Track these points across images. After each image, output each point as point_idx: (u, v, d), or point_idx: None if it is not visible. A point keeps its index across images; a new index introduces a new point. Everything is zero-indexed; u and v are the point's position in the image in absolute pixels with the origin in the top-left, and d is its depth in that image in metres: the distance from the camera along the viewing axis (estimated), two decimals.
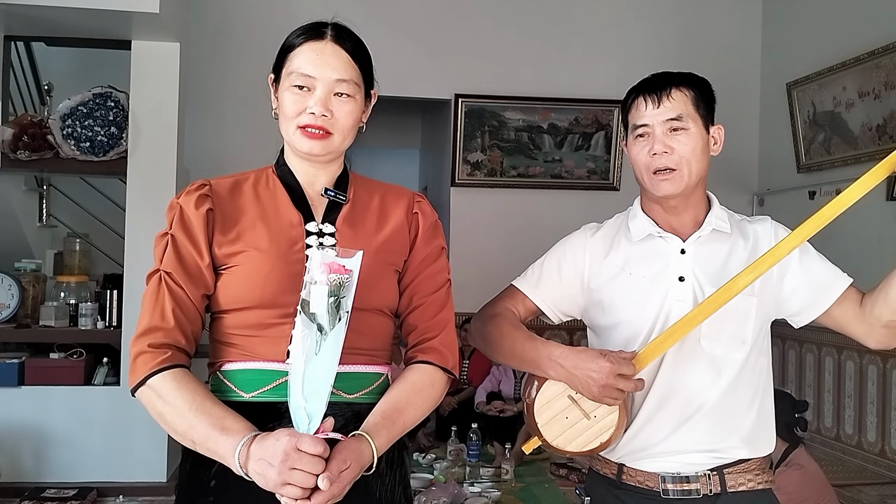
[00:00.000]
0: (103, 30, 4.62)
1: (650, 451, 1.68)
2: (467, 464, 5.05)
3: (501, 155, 6.64)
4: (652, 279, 1.70)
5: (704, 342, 1.65)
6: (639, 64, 6.67)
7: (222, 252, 1.43)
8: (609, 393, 1.57)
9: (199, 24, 5.74)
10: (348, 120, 1.47)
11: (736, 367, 1.66)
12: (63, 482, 4.53)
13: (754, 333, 1.67)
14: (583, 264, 1.80)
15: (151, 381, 1.34)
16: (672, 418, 1.66)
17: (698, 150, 1.67)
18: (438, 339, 1.51)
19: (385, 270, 1.50)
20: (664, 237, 1.73)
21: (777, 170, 6.50)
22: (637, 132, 1.71)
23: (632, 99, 1.74)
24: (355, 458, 1.29)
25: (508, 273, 2.91)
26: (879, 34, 5.32)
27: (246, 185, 1.52)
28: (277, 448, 1.22)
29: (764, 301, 1.68)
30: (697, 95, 1.69)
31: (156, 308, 1.39)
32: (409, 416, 1.43)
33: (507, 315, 1.83)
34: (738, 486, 1.66)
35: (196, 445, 1.33)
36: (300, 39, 1.47)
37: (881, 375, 5.36)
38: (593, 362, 1.57)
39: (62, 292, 4.85)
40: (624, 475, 1.71)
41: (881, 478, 5.16)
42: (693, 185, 1.69)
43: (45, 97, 5.68)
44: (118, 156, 4.74)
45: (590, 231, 1.86)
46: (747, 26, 6.88)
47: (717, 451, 1.66)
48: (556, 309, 1.85)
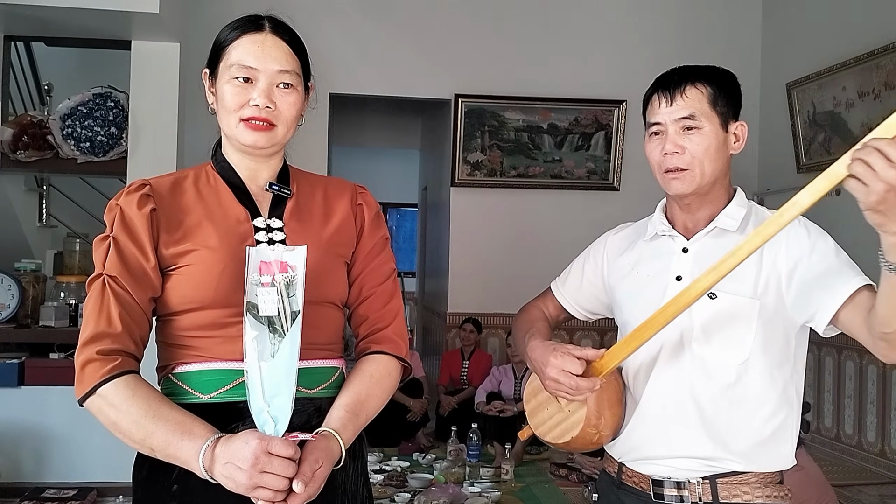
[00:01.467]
0: (103, 30, 4.62)
1: (643, 452, 1.66)
2: (467, 464, 5.05)
3: (501, 155, 6.64)
4: (653, 278, 1.69)
5: (695, 345, 1.60)
6: (639, 64, 6.71)
7: (169, 252, 1.39)
8: (557, 387, 1.59)
9: (199, 24, 5.73)
10: (291, 111, 1.45)
11: (731, 372, 1.59)
12: (63, 482, 4.52)
13: (759, 339, 1.58)
14: (602, 262, 1.83)
15: (102, 389, 1.30)
16: (662, 421, 1.63)
17: (712, 149, 1.62)
18: (391, 328, 1.51)
19: (335, 263, 1.49)
20: (671, 236, 1.70)
21: (777, 170, 6.50)
22: (651, 130, 1.67)
23: (649, 95, 1.69)
24: (326, 457, 1.29)
25: (508, 273, 2.92)
26: (879, 34, 5.32)
27: (186, 182, 1.49)
28: (247, 451, 1.21)
29: (771, 304, 1.59)
30: (715, 92, 1.64)
31: (101, 314, 1.35)
32: (371, 407, 1.44)
33: (531, 311, 1.90)
34: (733, 497, 1.58)
35: (155, 452, 1.30)
36: (237, 32, 1.46)
37: (881, 375, 5.36)
38: (544, 356, 1.62)
39: (62, 292, 4.85)
40: (623, 475, 1.70)
41: (881, 478, 5.17)
42: (708, 183, 1.63)
43: (45, 97, 5.69)
44: (118, 156, 4.74)
45: (616, 230, 1.87)
46: (747, 26, 6.88)
47: (709, 459, 1.60)
48: (579, 307, 1.89)
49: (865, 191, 1.20)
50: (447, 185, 6.76)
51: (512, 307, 1.96)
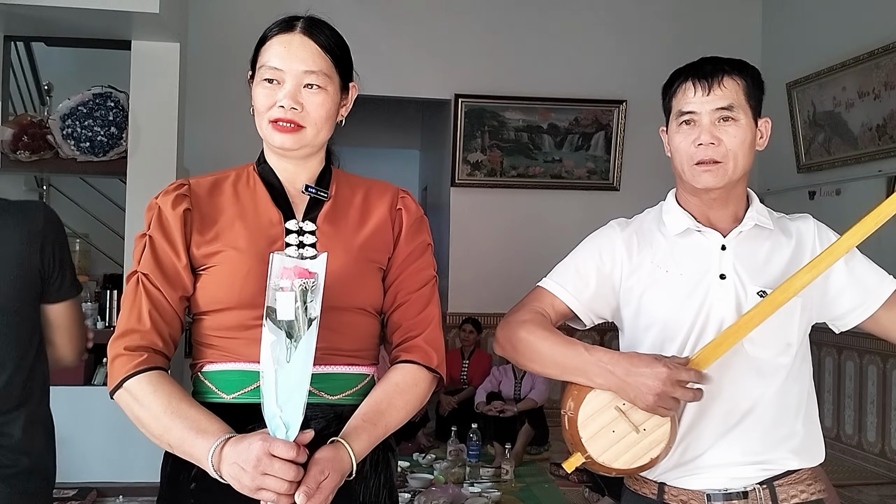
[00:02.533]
0: (103, 30, 4.63)
1: (693, 465, 1.55)
2: (467, 464, 5.05)
3: (501, 155, 6.64)
4: (691, 277, 1.58)
5: (748, 346, 1.54)
6: (639, 64, 6.71)
7: (200, 252, 1.40)
8: (665, 402, 1.42)
9: (199, 24, 5.74)
10: (320, 112, 1.43)
11: (783, 372, 1.56)
12: (63, 482, 4.49)
13: (799, 337, 1.58)
14: (615, 261, 1.65)
15: (128, 383, 1.32)
16: (716, 428, 1.54)
17: (746, 143, 1.56)
18: (422, 336, 1.47)
19: (367, 269, 1.46)
20: (703, 232, 1.61)
21: (777, 170, 6.50)
22: (682, 119, 1.58)
23: (678, 83, 1.60)
24: (333, 467, 1.26)
25: (509, 273, 2.91)
26: (879, 34, 5.32)
27: (226, 183, 1.48)
28: (250, 453, 1.21)
29: (808, 303, 1.57)
30: (750, 85, 1.58)
31: (133, 310, 1.37)
32: (392, 417, 1.39)
33: (538, 319, 1.63)
34: (791, 498, 1.55)
35: (173, 448, 1.32)
36: (272, 33, 1.46)
37: (881, 375, 5.36)
38: (648, 368, 1.43)
39: None
40: (665, 495, 1.58)
41: (881, 478, 5.17)
42: (736, 179, 1.58)
43: (45, 97, 5.68)
44: (118, 156, 4.74)
45: (619, 226, 1.70)
46: (747, 26, 6.89)
47: (766, 462, 1.55)
48: (589, 311, 1.68)
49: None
50: (447, 186, 6.76)
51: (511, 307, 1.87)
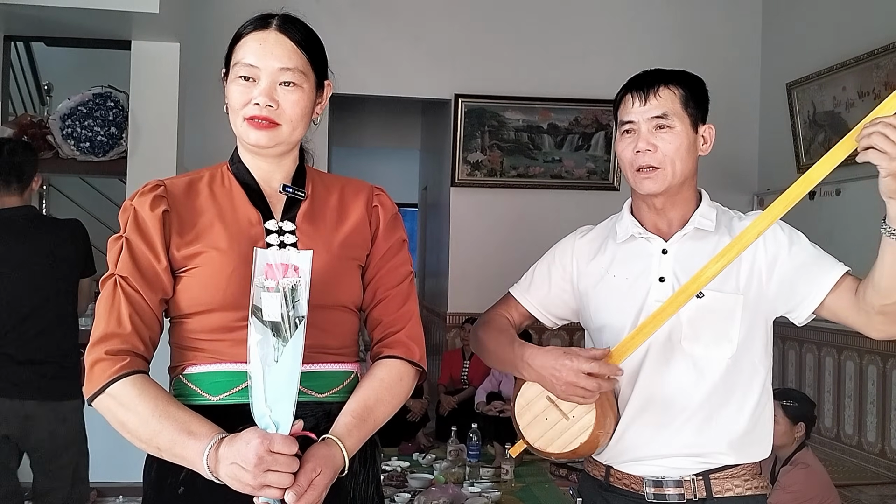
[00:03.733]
0: (103, 30, 4.62)
1: (634, 453, 1.66)
2: (467, 464, 5.04)
3: (501, 155, 6.64)
4: (633, 281, 1.69)
5: (685, 343, 1.63)
6: (639, 64, 6.65)
7: (181, 254, 1.39)
8: (573, 391, 1.55)
9: (199, 24, 5.74)
10: (295, 110, 1.42)
11: (720, 368, 1.63)
12: None
13: (742, 333, 1.63)
14: (571, 267, 1.81)
15: (111, 388, 1.30)
16: (654, 421, 1.64)
17: (683, 148, 1.65)
18: (404, 331, 1.48)
19: (348, 266, 1.47)
20: (647, 237, 1.71)
21: (777, 170, 6.50)
22: (624, 128, 1.69)
23: (621, 95, 1.72)
24: (326, 464, 1.27)
25: (508, 273, 2.88)
26: (879, 34, 5.32)
27: (201, 184, 1.48)
28: (249, 451, 1.20)
29: (753, 298, 1.64)
30: (687, 94, 1.67)
31: (111, 314, 1.35)
32: (380, 413, 1.41)
33: (498, 320, 1.84)
34: (725, 491, 1.62)
35: (162, 452, 1.30)
36: (245, 30, 1.45)
37: (881, 375, 5.36)
38: (556, 360, 1.57)
39: None
40: (611, 477, 1.70)
41: (881, 478, 5.16)
42: (678, 184, 1.67)
43: (44, 97, 5.69)
44: (118, 156, 4.74)
45: (580, 234, 1.86)
46: (747, 26, 6.89)
47: (702, 455, 1.63)
48: (548, 313, 1.85)
49: (887, 158, 1.36)
50: (447, 185, 6.76)
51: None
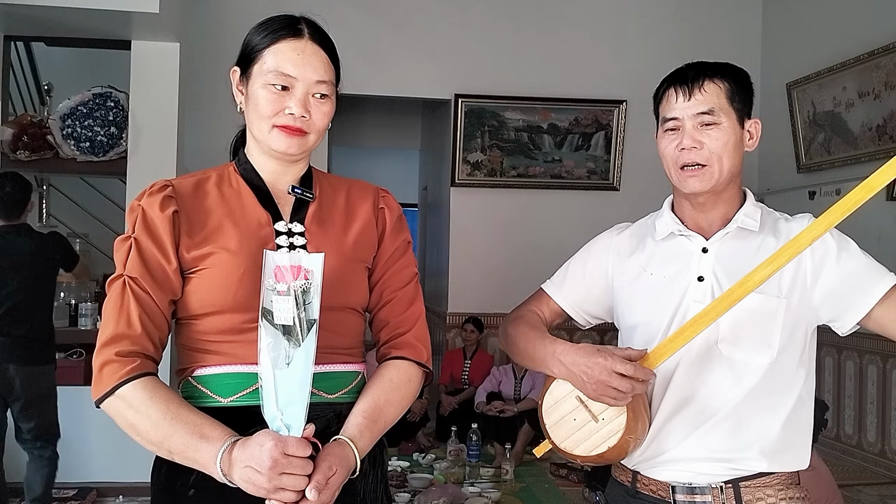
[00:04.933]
0: (103, 30, 4.63)
1: (662, 458, 1.59)
2: (467, 464, 5.05)
3: (501, 155, 6.64)
4: (671, 279, 1.62)
5: (723, 346, 1.56)
6: (639, 64, 6.71)
7: (190, 255, 1.38)
8: (604, 391, 1.47)
9: (198, 24, 5.74)
10: (324, 121, 1.43)
11: (758, 373, 1.55)
12: (63, 482, 4.51)
13: (783, 339, 1.56)
14: (607, 264, 1.73)
15: (120, 391, 1.29)
16: (686, 424, 1.57)
17: (730, 145, 1.58)
18: (411, 333, 1.48)
19: (356, 268, 1.47)
20: (687, 236, 1.64)
21: (777, 170, 6.50)
22: (667, 125, 1.61)
23: (663, 90, 1.64)
24: (341, 464, 1.27)
25: (508, 273, 2.91)
26: (879, 34, 5.32)
27: (209, 184, 1.47)
28: (263, 454, 1.20)
29: (795, 303, 1.56)
30: (733, 88, 1.59)
31: (121, 315, 1.34)
32: (390, 413, 1.41)
33: (528, 317, 1.75)
34: (756, 501, 1.55)
35: (173, 455, 1.29)
36: (274, 36, 1.42)
37: (881, 376, 5.36)
38: (588, 358, 1.49)
39: (62, 292, 4.85)
40: (638, 483, 1.63)
41: (881, 478, 5.17)
42: (724, 182, 1.60)
43: (44, 97, 5.68)
44: (118, 156, 4.75)
45: (617, 230, 1.78)
46: (747, 27, 6.88)
47: (733, 461, 1.56)
48: (581, 310, 1.78)
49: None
50: (447, 185, 6.76)
51: (511, 307, 1.89)
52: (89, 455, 4.63)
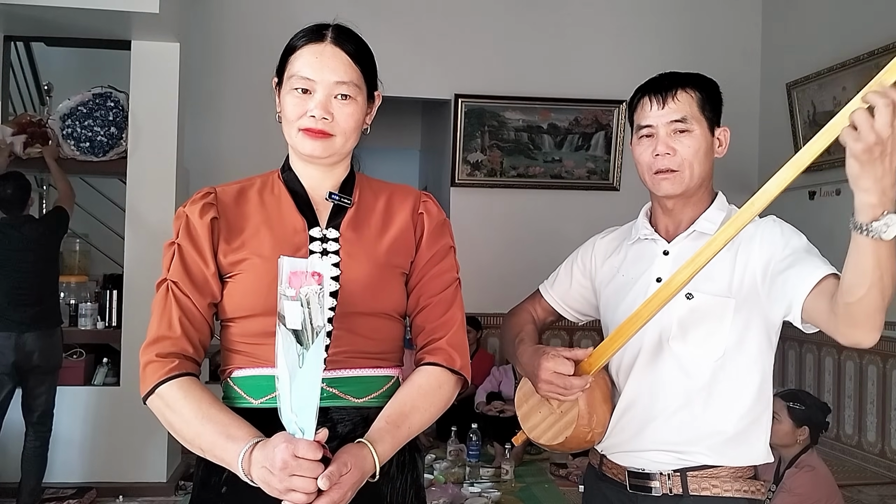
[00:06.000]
0: (103, 30, 4.63)
1: (622, 446, 1.72)
2: (467, 464, 5.05)
3: (501, 155, 6.64)
4: (635, 280, 1.73)
5: (673, 343, 1.65)
6: (639, 64, 6.69)
7: (227, 261, 1.43)
8: (550, 389, 1.63)
9: (198, 24, 5.74)
10: (349, 122, 1.45)
11: (707, 370, 1.64)
12: (62, 482, 4.52)
13: (733, 336, 1.63)
14: (590, 264, 1.87)
15: (160, 390, 1.36)
16: (638, 418, 1.69)
17: (701, 152, 1.67)
18: (446, 339, 1.48)
19: (390, 274, 1.48)
20: (653, 239, 1.75)
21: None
22: (642, 132, 1.71)
23: (638, 98, 1.73)
24: (356, 463, 1.28)
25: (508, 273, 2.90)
26: (879, 34, 5.32)
27: (251, 191, 1.51)
28: (276, 456, 1.22)
29: (746, 300, 1.63)
30: (704, 97, 1.69)
31: (163, 317, 1.41)
32: (416, 420, 1.41)
33: (519, 314, 1.93)
34: (702, 490, 1.64)
35: (204, 453, 1.34)
36: (301, 42, 1.46)
37: (881, 376, 5.36)
38: (534, 360, 1.67)
39: (62, 293, 4.84)
40: (604, 467, 1.77)
41: (881, 478, 5.17)
42: (695, 186, 1.69)
43: (44, 97, 5.69)
44: (118, 156, 4.74)
45: (603, 233, 1.91)
46: (747, 26, 6.88)
47: (682, 452, 1.66)
48: (568, 307, 1.92)
49: (855, 136, 1.22)
50: (447, 185, 6.76)
51: (512, 307, 1.95)
52: (89, 455, 4.63)
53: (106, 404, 4.66)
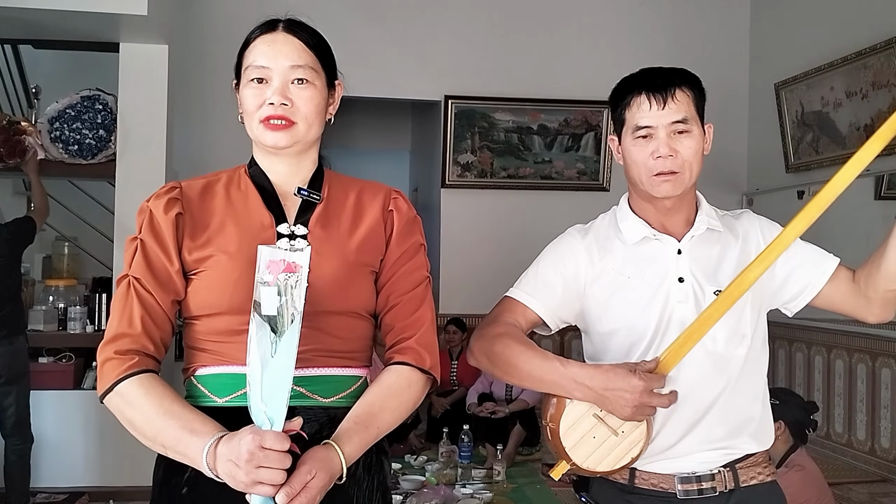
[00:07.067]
0: (91, 32, 4.60)
1: (663, 453, 1.64)
2: (459, 465, 5.05)
3: (491, 156, 6.65)
4: (651, 282, 1.65)
5: (708, 342, 1.61)
6: (628, 64, 6.65)
7: (192, 257, 1.40)
8: (642, 411, 1.50)
9: (187, 26, 5.72)
10: (309, 106, 1.42)
11: (738, 363, 1.64)
12: (53, 487, 4.50)
13: (751, 327, 1.66)
14: (578, 268, 1.71)
15: (119, 387, 1.33)
16: (684, 421, 1.62)
17: (699, 152, 1.65)
18: (415, 338, 1.45)
19: (359, 272, 1.45)
20: (660, 239, 1.68)
21: (766, 170, 6.53)
22: (639, 133, 1.64)
23: (631, 96, 1.67)
24: (322, 467, 1.26)
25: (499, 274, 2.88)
26: (866, 34, 5.35)
27: (218, 186, 1.48)
28: (242, 448, 1.20)
29: (756, 293, 1.65)
30: (697, 95, 1.66)
31: (123, 314, 1.38)
32: (384, 420, 1.39)
33: (513, 332, 1.67)
34: (750, 479, 1.66)
35: (167, 450, 1.32)
36: (255, 34, 1.46)
37: (870, 374, 5.38)
38: (625, 381, 1.49)
39: (51, 296, 4.83)
40: (637, 479, 1.65)
41: (871, 476, 5.19)
42: (690, 186, 1.67)
43: (32, 100, 5.65)
44: (107, 158, 4.72)
45: (579, 233, 1.77)
46: (736, 27, 6.91)
47: (729, 447, 1.65)
48: (556, 317, 1.74)
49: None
50: (437, 187, 6.75)
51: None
52: (80, 459, 4.61)
53: (95, 408, 4.61)
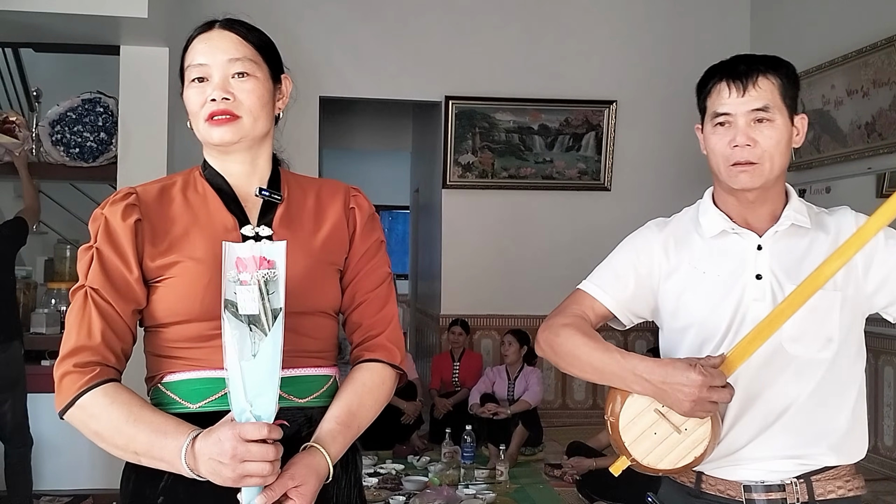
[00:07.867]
0: (92, 35, 4.60)
1: (732, 458, 1.58)
2: (462, 466, 5.04)
3: (492, 156, 6.65)
4: (727, 278, 1.59)
5: (787, 343, 1.55)
6: (628, 65, 6.73)
7: (155, 265, 1.36)
8: (702, 406, 1.44)
9: (187, 29, 5.69)
10: (251, 99, 1.40)
11: (822, 368, 1.56)
12: (58, 489, 4.50)
13: (842, 331, 1.57)
14: (653, 262, 1.67)
15: (81, 400, 1.28)
16: (754, 424, 1.56)
17: (783, 143, 1.55)
18: (384, 335, 1.47)
19: (326, 271, 1.45)
20: (739, 233, 1.61)
21: None
22: (717, 120, 1.58)
23: (713, 83, 1.60)
24: (310, 473, 1.27)
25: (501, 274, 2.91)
26: (867, 32, 5.34)
27: (174, 190, 1.45)
28: (224, 446, 1.19)
29: (850, 295, 1.57)
30: (785, 83, 1.57)
31: (82, 326, 1.32)
32: (364, 417, 1.41)
33: (579, 324, 1.64)
34: (828, 493, 1.57)
35: (140, 457, 1.29)
36: (192, 36, 1.46)
37: (873, 373, 5.37)
38: (683, 375, 1.44)
39: (53, 299, 4.82)
40: (703, 484, 1.60)
41: (873, 474, 5.18)
42: (773, 178, 1.57)
43: (33, 103, 5.65)
44: (108, 161, 4.72)
45: (657, 226, 1.71)
46: (736, 25, 6.90)
47: (803, 457, 1.56)
48: (629, 311, 1.70)
49: None
50: (439, 187, 6.76)
51: (504, 308, 1.86)
52: (84, 462, 4.60)
53: None
